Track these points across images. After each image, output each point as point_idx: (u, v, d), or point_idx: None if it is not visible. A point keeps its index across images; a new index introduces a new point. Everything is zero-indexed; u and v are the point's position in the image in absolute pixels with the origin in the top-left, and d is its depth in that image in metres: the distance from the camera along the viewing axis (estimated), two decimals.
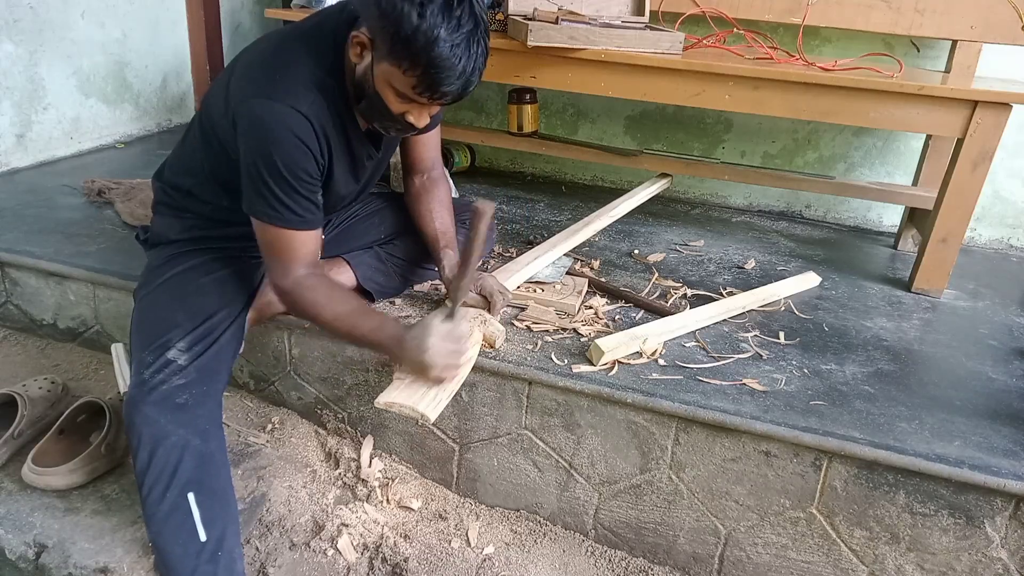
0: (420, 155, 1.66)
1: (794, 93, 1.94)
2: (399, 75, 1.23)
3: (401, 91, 1.25)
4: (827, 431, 1.35)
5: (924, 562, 1.36)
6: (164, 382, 1.30)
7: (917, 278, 2.04)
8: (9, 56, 2.33)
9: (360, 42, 1.26)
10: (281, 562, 1.39)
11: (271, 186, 1.29)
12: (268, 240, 1.35)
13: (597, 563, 1.50)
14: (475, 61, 1.23)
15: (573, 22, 1.97)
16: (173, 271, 1.45)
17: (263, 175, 1.28)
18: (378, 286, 1.67)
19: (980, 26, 2.20)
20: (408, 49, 1.19)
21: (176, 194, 1.50)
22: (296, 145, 1.28)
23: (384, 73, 1.25)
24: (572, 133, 2.89)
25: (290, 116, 1.27)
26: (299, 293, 1.36)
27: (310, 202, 1.34)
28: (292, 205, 1.31)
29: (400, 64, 1.21)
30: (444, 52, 1.18)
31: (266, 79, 1.30)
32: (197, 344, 1.35)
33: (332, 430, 1.68)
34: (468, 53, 1.21)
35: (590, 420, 1.46)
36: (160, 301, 1.42)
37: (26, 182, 2.32)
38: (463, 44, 1.20)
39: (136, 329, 1.41)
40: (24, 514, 1.34)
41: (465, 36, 1.20)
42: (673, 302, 1.83)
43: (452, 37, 1.18)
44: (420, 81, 1.22)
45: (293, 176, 1.29)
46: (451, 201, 1.70)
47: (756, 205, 2.82)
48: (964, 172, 1.89)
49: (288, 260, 1.35)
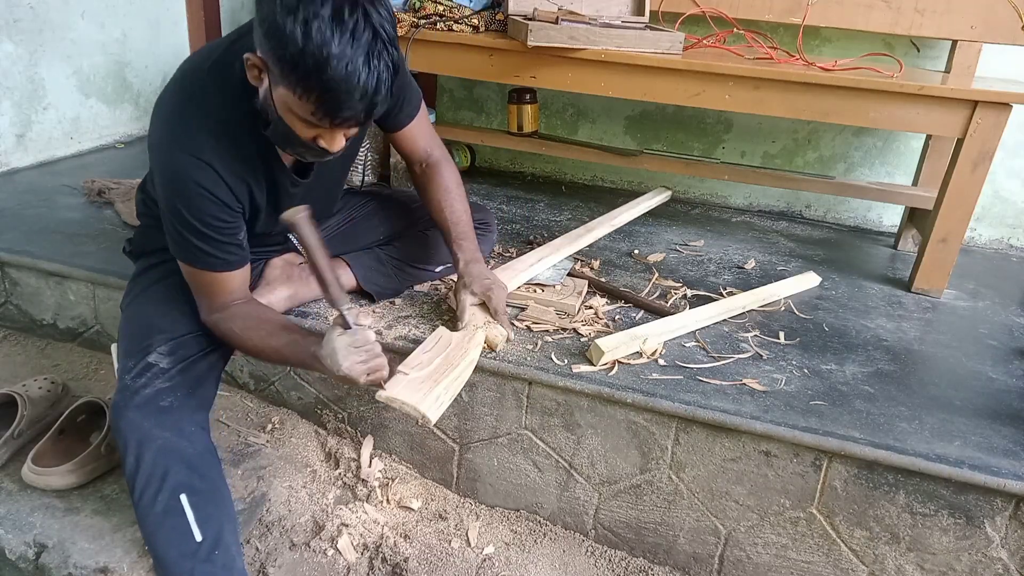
0: (408, 148, 1.60)
1: (794, 93, 1.94)
2: (295, 100, 1.10)
3: (302, 117, 1.13)
4: (827, 431, 1.35)
5: (924, 562, 1.36)
6: (147, 385, 1.30)
7: (917, 278, 2.04)
8: (9, 56, 2.33)
9: (254, 64, 1.14)
10: (281, 562, 1.39)
11: (184, 234, 1.26)
12: (192, 281, 1.34)
13: (597, 563, 1.50)
14: (377, 77, 1.09)
15: (573, 22, 1.97)
16: (156, 280, 1.45)
17: (175, 224, 1.26)
18: (378, 287, 1.67)
19: (980, 26, 2.20)
20: (297, 73, 1.06)
21: (155, 207, 1.45)
22: (200, 195, 1.23)
23: (281, 98, 1.13)
24: (572, 133, 2.88)
25: (192, 166, 1.21)
26: (220, 327, 1.35)
27: (229, 244, 1.30)
28: (208, 249, 1.28)
29: (294, 89, 1.09)
30: (338, 73, 1.05)
31: (169, 124, 1.25)
32: (181, 349, 1.35)
33: (332, 430, 1.68)
34: (368, 70, 1.07)
35: (590, 420, 1.46)
36: (144, 310, 1.42)
37: (26, 182, 2.32)
38: (361, 59, 1.06)
39: (121, 337, 1.41)
40: (24, 514, 1.34)
41: (363, 50, 1.06)
42: (673, 302, 1.83)
43: (346, 54, 1.05)
44: (318, 107, 1.10)
45: (204, 224, 1.25)
46: (459, 185, 1.62)
47: (756, 205, 2.82)
48: (964, 172, 1.89)
49: (212, 297, 1.34)
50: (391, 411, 1.61)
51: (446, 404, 1.33)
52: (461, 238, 1.57)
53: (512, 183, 2.84)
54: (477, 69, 2.12)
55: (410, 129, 1.57)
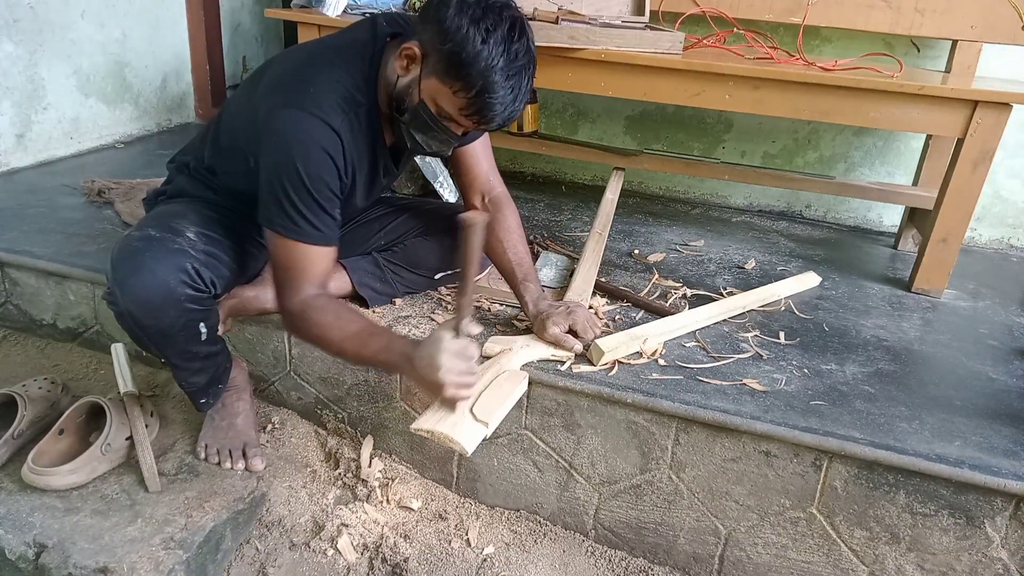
0: (472, 168, 1.60)
1: (794, 93, 1.94)
2: (448, 94, 1.22)
3: (446, 110, 1.25)
4: (827, 431, 1.35)
5: (924, 562, 1.36)
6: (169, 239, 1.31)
7: (917, 278, 2.04)
8: (9, 56, 2.33)
9: (409, 55, 1.25)
10: (281, 562, 1.39)
11: (293, 198, 1.26)
12: (283, 255, 1.31)
13: (597, 563, 1.50)
14: (522, 96, 1.24)
15: (573, 22, 1.97)
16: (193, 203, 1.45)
17: (285, 186, 1.25)
18: (373, 292, 1.66)
19: (980, 26, 2.20)
20: (465, 71, 1.18)
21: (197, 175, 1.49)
22: (323, 159, 1.26)
23: (431, 89, 1.24)
24: (572, 133, 2.89)
25: (321, 130, 1.25)
26: (308, 315, 1.30)
27: (330, 217, 1.30)
28: (312, 219, 1.27)
29: (452, 84, 1.21)
30: (499, 81, 1.19)
31: (299, 91, 1.28)
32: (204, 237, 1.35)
33: (332, 430, 1.68)
34: (519, 89, 1.22)
35: (590, 420, 1.46)
36: (174, 209, 1.42)
37: (26, 182, 2.32)
38: (517, 77, 1.21)
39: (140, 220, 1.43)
40: (24, 514, 1.34)
41: (519, 70, 1.21)
42: (673, 302, 1.83)
43: (509, 67, 1.19)
44: (469, 104, 1.22)
45: (316, 190, 1.26)
46: (520, 226, 1.63)
47: (756, 205, 2.82)
48: (964, 172, 1.89)
49: (301, 277, 1.31)
50: (391, 411, 1.61)
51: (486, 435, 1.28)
52: (527, 279, 1.58)
53: (512, 183, 2.80)
54: None
55: (475, 147, 1.58)
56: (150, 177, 2.30)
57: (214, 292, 1.35)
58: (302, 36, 2.18)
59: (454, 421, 1.25)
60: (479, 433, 1.25)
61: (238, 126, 1.38)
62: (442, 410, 1.27)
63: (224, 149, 1.42)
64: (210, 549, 1.35)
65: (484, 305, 1.72)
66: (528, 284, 1.57)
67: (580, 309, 1.56)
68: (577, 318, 1.52)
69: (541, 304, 1.55)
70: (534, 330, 1.54)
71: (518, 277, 1.57)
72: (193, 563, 1.30)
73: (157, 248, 1.28)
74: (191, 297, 1.29)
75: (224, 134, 1.43)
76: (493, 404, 1.31)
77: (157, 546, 1.29)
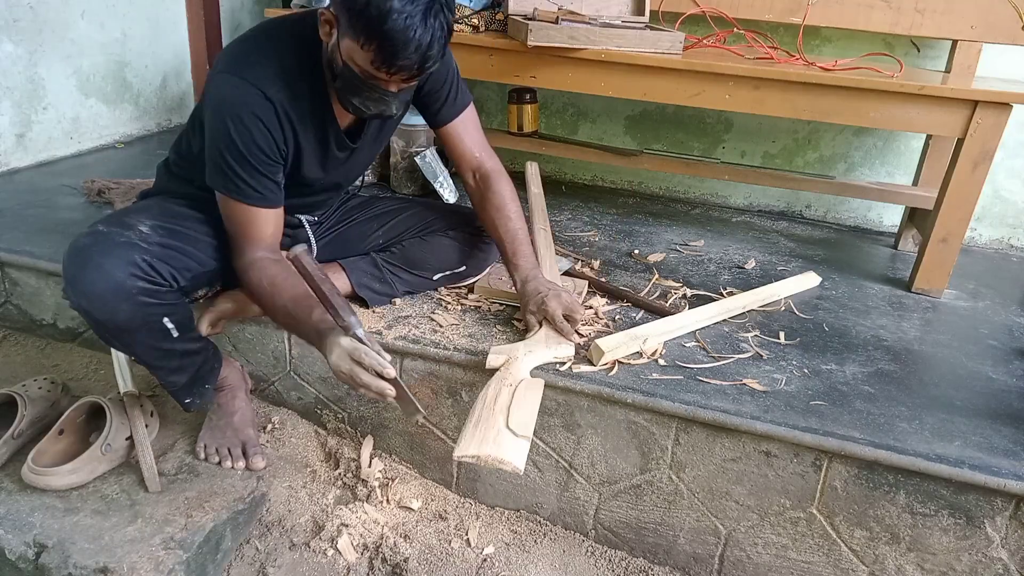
0: (456, 147, 1.62)
1: (794, 93, 1.94)
2: (358, 50, 1.24)
3: (363, 67, 1.26)
4: (827, 431, 1.35)
5: (924, 562, 1.36)
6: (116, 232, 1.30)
7: (917, 278, 2.03)
8: (9, 56, 2.33)
9: (327, 19, 1.28)
10: (281, 562, 1.39)
11: (229, 161, 1.32)
12: (228, 214, 1.38)
13: (597, 563, 1.50)
14: (432, 34, 1.21)
15: (573, 22, 1.97)
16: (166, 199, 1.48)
17: (221, 149, 1.31)
18: (372, 292, 1.66)
19: (980, 26, 2.20)
20: (362, 22, 1.20)
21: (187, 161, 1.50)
22: (255, 124, 1.31)
23: (347, 49, 1.26)
24: (572, 133, 2.88)
25: (253, 96, 1.30)
26: (248, 275, 1.37)
27: (269, 179, 1.36)
28: (250, 181, 1.33)
29: (358, 38, 1.22)
30: (397, 25, 1.18)
31: (241, 58, 1.34)
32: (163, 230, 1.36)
33: (332, 430, 1.68)
34: (424, 26, 1.20)
35: (590, 420, 1.46)
36: (138, 206, 1.47)
37: (26, 182, 2.32)
38: (419, 16, 1.19)
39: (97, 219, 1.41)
40: (24, 514, 1.34)
41: (421, 9, 1.19)
42: (673, 302, 1.83)
43: (406, 9, 1.18)
44: (376, 55, 1.22)
45: (250, 153, 1.31)
46: (514, 199, 1.64)
47: (756, 205, 2.82)
48: (964, 172, 1.89)
49: (245, 238, 1.37)
50: (391, 411, 1.61)
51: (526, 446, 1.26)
52: (515, 256, 1.57)
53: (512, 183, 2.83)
54: (477, 69, 2.12)
55: (459, 124, 1.61)
56: (150, 177, 2.29)
57: (176, 286, 1.34)
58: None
59: (495, 441, 1.23)
60: (524, 448, 1.24)
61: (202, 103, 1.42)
62: (477, 431, 1.26)
63: (198, 130, 1.43)
64: (210, 549, 1.35)
65: (484, 306, 1.72)
66: (517, 261, 1.57)
67: (555, 299, 1.52)
68: (548, 308, 1.50)
69: (527, 286, 1.54)
70: (528, 308, 1.52)
71: (507, 254, 1.59)
72: (193, 563, 1.30)
73: (103, 243, 1.28)
74: (144, 290, 1.28)
75: (198, 116, 1.44)
76: (526, 416, 1.31)
77: (157, 546, 1.29)
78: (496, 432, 1.25)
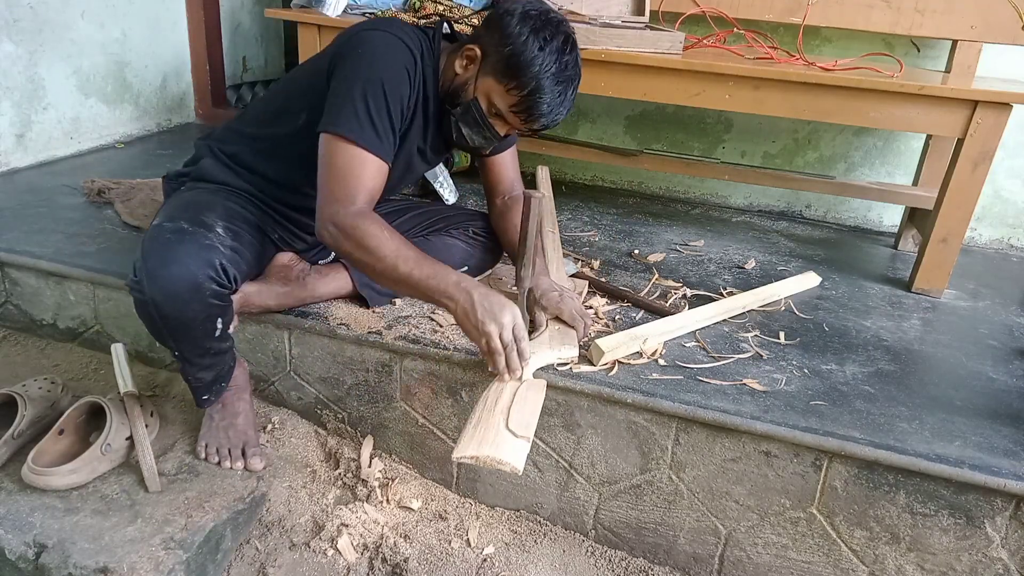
0: (499, 175, 1.71)
1: (794, 93, 1.94)
2: (501, 92, 1.35)
3: (497, 106, 1.37)
4: (827, 431, 1.35)
5: (924, 562, 1.36)
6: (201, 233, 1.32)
7: (917, 278, 2.04)
8: (9, 56, 2.33)
9: (471, 55, 1.39)
10: (281, 562, 1.39)
11: (368, 101, 1.33)
12: (340, 161, 1.32)
13: (597, 563, 1.50)
14: (566, 105, 1.37)
15: (573, 22, 1.96)
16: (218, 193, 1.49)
17: (364, 90, 1.33)
18: (374, 292, 1.66)
19: (980, 26, 2.20)
20: (520, 71, 1.32)
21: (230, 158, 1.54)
22: (404, 77, 1.38)
23: (486, 87, 1.37)
24: (572, 133, 2.89)
25: (405, 53, 1.38)
26: (363, 225, 1.30)
27: (393, 133, 1.38)
28: (378, 124, 1.34)
29: (507, 83, 1.34)
30: (549, 85, 1.32)
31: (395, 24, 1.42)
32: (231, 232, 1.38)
33: (332, 430, 1.68)
34: (565, 96, 1.35)
35: (590, 420, 1.46)
36: (201, 199, 1.45)
37: (26, 182, 2.32)
38: (565, 84, 1.35)
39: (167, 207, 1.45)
40: (24, 514, 1.34)
41: (568, 79, 1.35)
42: (673, 302, 1.83)
43: (559, 75, 1.33)
44: (520, 102, 1.34)
45: (392, 99, 1.35)
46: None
47: (756, 205, 2.82)
48: (964, 172, 1.89)
49: (356, 187, 1.32)
50: (391, 411, 1.61)
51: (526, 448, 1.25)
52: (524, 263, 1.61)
53: None
54: None
55: (505, 156, 1.70)
56: (150, 177, 2.30)
57: (235, 288, 1.38)
58: (302, 36, 2.18)
59: (494, 442, 1.23)
60: (523, 449, 1.24)
61: (293, 89, 1.50)
62: (477, 431, 1.25)
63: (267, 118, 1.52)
64: (210, 549, 1.35)
65: None
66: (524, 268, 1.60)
67: (569, 300, 1.56)
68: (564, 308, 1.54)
69: (543, 280, 1.58)
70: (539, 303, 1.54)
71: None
72: (193, 563, 1.30)
73: (190, 242, 1.30)
74: (215, 292, 1.31)
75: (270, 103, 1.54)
76: (527, 417, 1.30)
77: (157, 546, 1.29)
78: (495, 433, 1.24)
